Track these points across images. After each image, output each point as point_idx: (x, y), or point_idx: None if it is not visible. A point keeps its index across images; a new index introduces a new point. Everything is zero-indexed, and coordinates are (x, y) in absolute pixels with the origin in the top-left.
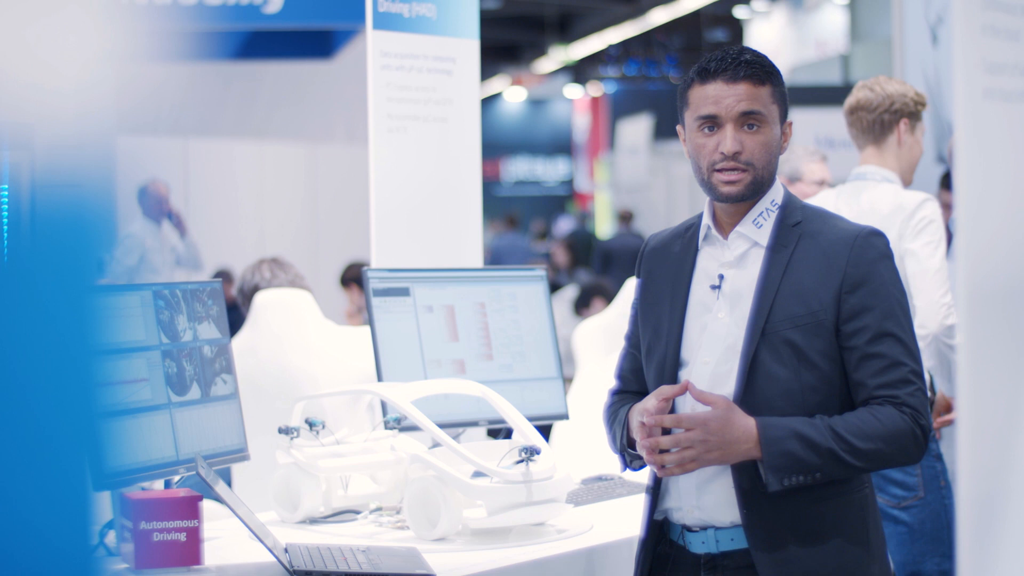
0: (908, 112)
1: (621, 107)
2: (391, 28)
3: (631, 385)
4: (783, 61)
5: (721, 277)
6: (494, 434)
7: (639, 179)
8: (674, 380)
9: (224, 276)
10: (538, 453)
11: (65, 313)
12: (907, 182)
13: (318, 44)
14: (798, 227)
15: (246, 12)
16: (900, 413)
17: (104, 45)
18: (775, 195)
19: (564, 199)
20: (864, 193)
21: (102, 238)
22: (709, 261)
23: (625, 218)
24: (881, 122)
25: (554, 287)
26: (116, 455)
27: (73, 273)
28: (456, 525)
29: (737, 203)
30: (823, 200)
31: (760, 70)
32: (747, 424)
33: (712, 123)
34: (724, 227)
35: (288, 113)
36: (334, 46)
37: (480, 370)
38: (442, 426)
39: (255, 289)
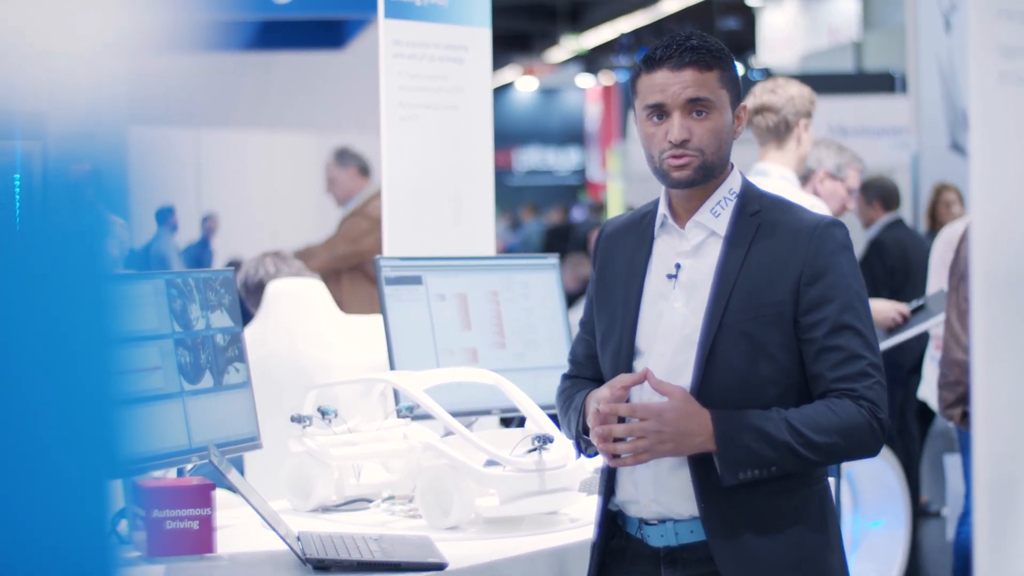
0: (806, 112)
1: None
2: (403, 17)
3: (584, 371)
4: (795, 49)
5: (678, 266)
6: (507, 422)
7: None
8: (629, 369)
9: (236, 266)
10: (551, 442)
11: (77, 302)
12: (800, 174)
13: (330, 34)
14: (756, 216)
15: (258, 2)
16: (857, 406)
17: (117, 35)
18: (733, 184)
19: (576, 188)
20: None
21: (115, 228)
22: (665, 250)
23: None
24: (786, 123)
25: None
26: (129, 443)
27: (85, 262)
28: (468, 514)
29: (691, 189)
30: None
31: (707, 55)
32: (702, 416)
33: (660, 111)
34: (681, 216)
35: (300, 103)
36: (346, 36)
37: (493, 358)
38: (455, 414)
39: (259, 283)
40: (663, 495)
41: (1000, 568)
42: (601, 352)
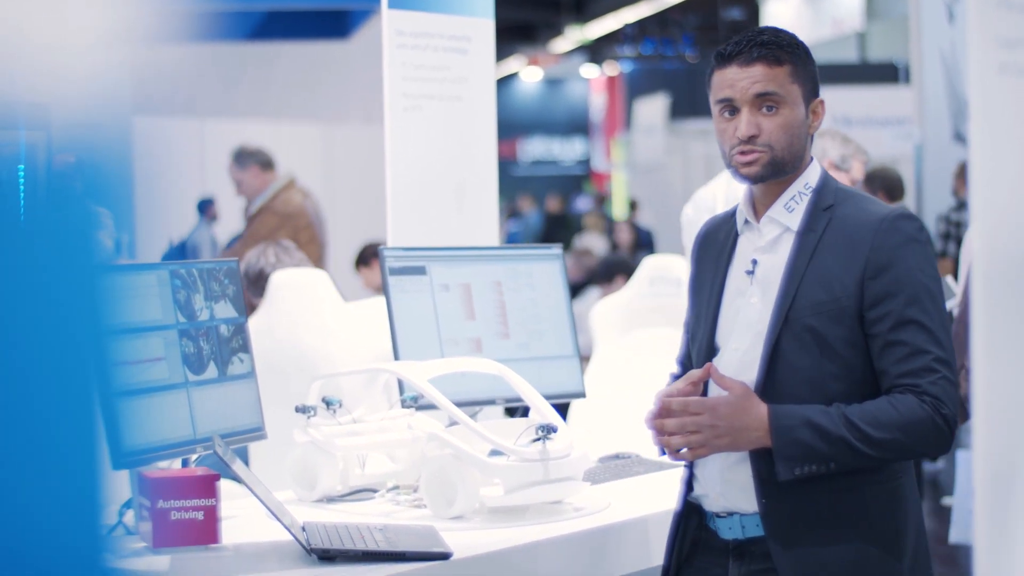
0: None
1: (637, 86)
2: (406, 7)
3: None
4: None
5: (754, 262)
6: (511, 412)
7: (655, 158)
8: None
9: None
10: (555, 431)
11: (78, 293)
12: None
13: (334, 24)
14: (829, 211)
15: None
16: (920, 402)
17: (120, 25)
18: (809, 178)
19: (581, 179)
20: None
21: (118, 219)
22: (746, 246)
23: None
24: None
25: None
26: (133, 434)
27: (87, 253)
28: (473, 503)
29: (767, 184)
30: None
31: (776, 50)
32: (759, 411)
33: (730, 107)
34: (759, 211)
35: (304, 94)
36: (350, 26)
37: (497, 348)
38: (459, 404)
39: (260, 273)
40: (728, 490)
41: (1001, 560)
42: (692, 349)
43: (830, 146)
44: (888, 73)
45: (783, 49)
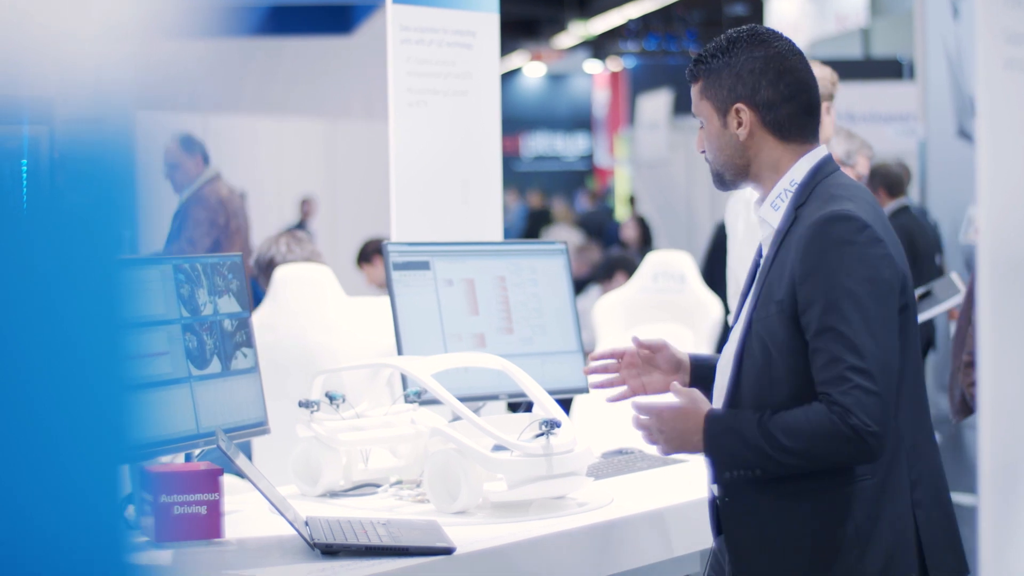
0: (829, 95)
1: (641, 82)
2: (411, 2)
3: None
4: (802, 35)
5: (759, 254)
6: (514, 407)
7: (659, 154)
8: (720, 348)
9: (244, 251)
10: (558, 426)
11: (86, 288)
12: None
13: (338, 19)
14: (799, 210)
15: None
16: (829, 412)
17: (124, 19)
18: (796, 175)
19: (584, 174)
20: None
21: (122, 213)
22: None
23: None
24: None
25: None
26: (138, 428)
27: (92, 248)
28: (476, 498)
29: (754, 185)
30: None
31: (694, 67)
32: (699, 417)
33: None
34: None
35: (308, 89)
36: (354, 21)
37: (500, 344)
38: (462, 399)
39: (270, 262)
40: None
41: (1005, 553)
42: None
43: (835, 142)
44: (892, 69)
45: (698, 64)
